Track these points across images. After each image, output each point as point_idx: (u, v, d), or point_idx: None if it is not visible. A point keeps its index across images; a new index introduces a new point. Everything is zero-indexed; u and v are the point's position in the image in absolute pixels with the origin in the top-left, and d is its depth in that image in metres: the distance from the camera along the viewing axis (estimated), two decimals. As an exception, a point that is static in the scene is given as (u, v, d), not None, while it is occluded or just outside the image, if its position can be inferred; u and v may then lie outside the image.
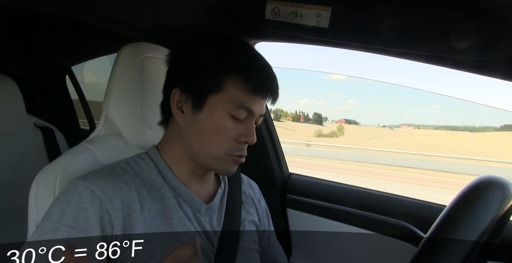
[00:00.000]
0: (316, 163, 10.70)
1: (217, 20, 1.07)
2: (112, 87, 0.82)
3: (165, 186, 0.72)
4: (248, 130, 0.71)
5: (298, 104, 48.00)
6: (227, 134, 0.69)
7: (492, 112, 20.84)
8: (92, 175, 0.68)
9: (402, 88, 53.88)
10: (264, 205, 0.94)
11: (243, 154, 0.72)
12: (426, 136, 14.95)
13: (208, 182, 0.80)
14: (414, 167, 10.34)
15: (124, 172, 0.71)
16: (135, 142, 0.83)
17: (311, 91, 49.28)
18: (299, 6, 0.90)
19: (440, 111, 36.09)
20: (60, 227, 0.62)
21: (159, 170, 0.73)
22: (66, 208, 0.63)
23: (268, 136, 1.29)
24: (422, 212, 1.05)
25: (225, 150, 0.70)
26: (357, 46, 0.92)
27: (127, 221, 0.65)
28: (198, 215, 0.74)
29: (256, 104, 0.70)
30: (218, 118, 0.69)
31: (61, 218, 0.62)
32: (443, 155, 11.70)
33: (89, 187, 0.64)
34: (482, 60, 0.77)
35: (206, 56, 0.71)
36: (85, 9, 1.04)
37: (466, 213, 0.47)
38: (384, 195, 1.15)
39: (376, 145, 4.81)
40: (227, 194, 0.82)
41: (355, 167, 10.26)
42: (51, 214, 0.63)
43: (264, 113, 0.74)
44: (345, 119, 19.50)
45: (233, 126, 0.70)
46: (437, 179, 8.74)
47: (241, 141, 0.70)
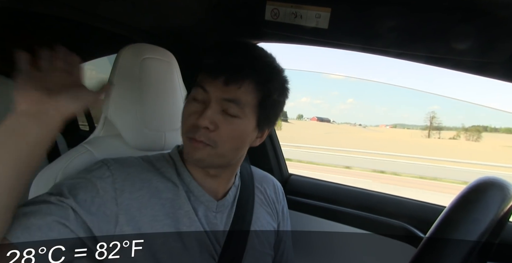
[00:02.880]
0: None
1: (217, 21, 1.07)
2: (111, 88, 0.82)
3: (180, 182, 0.74)
4: (199, 112, 0.70)
5: (297, 102, 48.13)
6: (185, 116, 0.73)
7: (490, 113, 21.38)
8: (116, 159, 0.73)
9: (403, 89, 53.96)
10: (286, 209, 0.95)
11: (193, 136, 0.70)
12: (382, 132, 15.83)
13: (224, 180, 0.80)
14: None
15: (143, 161, 0.75)
16: (134, 143, 0.83)
17: (310, 90, 49.53)
18: (299, 7, 0.90)
19: (438, 112, 36.29)
20: (69, 182, 0.66)
21: (176, 169, 0.76)
22: (79, 174, 0.69)
23: (267, 137, 1.29)
24: (421, 212, 1.05)
25: (184, 133, 0.73)
26: (357, 47, 0.92)
27: (135, 204, 0.67)
28: (207, 212, 0.75)
29: (212, 83, 0.70)
30: (185, 103, 0.75)
31: (72, 179, 0.68)
32: (359, 151, 12.18)
33: (109, 166, 0.70)
34: (482, 61, 0.77)
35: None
36: (85, 10, 1.04)
37: (465, 213, 0.47)
38: (384, 195, 1.15)
39: (324, 141, 5.05)
40: (239, 191, 0.83)
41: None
42: (65, 178, 0.69)
43: (229, 98, 0.70)
44: (318, 117, 20.00)
45: (190, 109, 0.72)
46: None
47: (195, 123, 0.70)
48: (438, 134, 15.31)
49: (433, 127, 15.09)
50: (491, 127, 19.91)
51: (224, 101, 0.70)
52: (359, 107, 46.03)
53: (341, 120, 23.25)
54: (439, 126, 15.03)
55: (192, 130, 0.70)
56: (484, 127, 14.84)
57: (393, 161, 11.82)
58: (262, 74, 0.71)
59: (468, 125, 20.67)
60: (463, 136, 14.94)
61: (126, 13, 1.07)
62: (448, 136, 15.65)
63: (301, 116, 18.37)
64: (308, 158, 11.81)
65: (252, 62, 0.72)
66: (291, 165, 1.63)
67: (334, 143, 14.58)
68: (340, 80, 54.13)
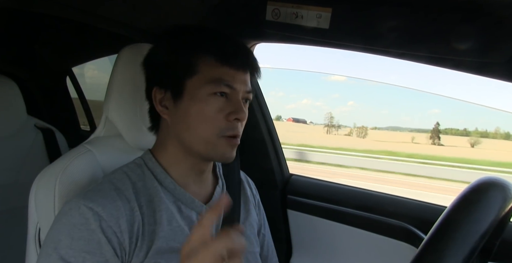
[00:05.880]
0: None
1: (218, 21, 1.07)
2: (112, 88, 0.82)
3: (162, 192, 0.70)
4: (234, 107, 0.67)
5: (298, 104, 48.06)
6: (211, 114, 0.67)
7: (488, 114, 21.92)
8: (94, 195, 0.64)
9: (404, 91, 53.65)
10: (260, 201, 0.94)
11: (236, 133, 0.68)
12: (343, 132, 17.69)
13: (207, 181, 0.78)
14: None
15: (123, 185, 0.67)
16: (135, 143, 0.83)
17: (311, 92, 49.37)
18: (300, 7, 0.90)
19: (438, 114, 36.53)
20: (72, 253, 0.59)
21: (155, 176, 0.71)
22: (73, 232, 0.60)
23: (268, 137, 1.29)
24: (422, 213, 1.05)
25: (215, 132, 0.67)
26: (358, 47, 0.92)
27: (134, 241, 0.64)
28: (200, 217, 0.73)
29: (235, 78, 0.68)
30: (200, 101, 0.67)
31: (71, 243, 0.59)
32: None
33: (94, 209, 0.61)
34: (482, 62, 0.77)
35: (173, 45, 0.72)
36: (86, 10, 1.04)
37: (466, 214, 0.47)
38: (385, 196, 1.15)
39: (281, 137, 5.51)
40: (225, 191, 0.81)
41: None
42: (60, 240, 0.60)
43: (250, 90, 0.71)
44: (293, 118, 20.45)
45: (217, 106, 0.67)
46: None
47: (230, 119, 0.67)
48: (336, 131, 18.34)
49: (331, 126, 18.34)
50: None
51: (245, 91, 0.70)
52: (360, 109, 46.47)
53: (320, 121, 23.63)
54: (338, 125, 18.67)
55: (228, 128, 0.68)
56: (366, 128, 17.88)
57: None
58: (253, 55, 0.74)
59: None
60: (355, 133, 17.35)
61: (127, 13, 1.07)
62: (344, 132, 18.28)
63: (279, 117, 18.77)
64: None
65: (245, 46, 0.73)
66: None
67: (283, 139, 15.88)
68: (341, 83, 54.24)
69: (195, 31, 0.72)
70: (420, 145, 15.80)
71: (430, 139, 15.65)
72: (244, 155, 0.94)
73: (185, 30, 0.73)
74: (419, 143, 16.12)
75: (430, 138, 15.71)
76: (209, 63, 0.67)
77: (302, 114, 62.82)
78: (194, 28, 0.73)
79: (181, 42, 0.71)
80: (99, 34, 1.63)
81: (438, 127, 15.89)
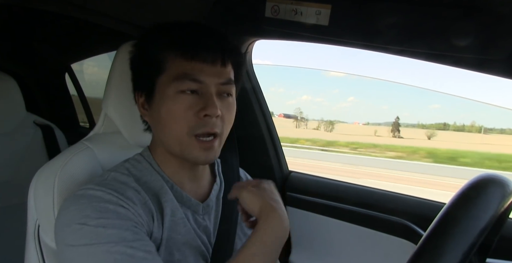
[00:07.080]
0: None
1: (217, 18, 1.07)
2: (111, 85, 0.82)
3: (165, 184, 0.70)
4: (205, 103, 0.64)
5: (298, 100, 47.97)
6: (180, 112, 0.64)
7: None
8: (104, 184, 0.63)
9: (404, 87, 53.52)
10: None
11: (209, 130, 0.65)
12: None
13: (203, 178, 0.77)
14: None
15: (127, 179, 0.67)
16: (134, 140, 0.83)
17: (311, 87, 49.23)
18: (299, 4, 0.90)
19: (438, 110, 36.47)
20: (106, 222, 0.58)
21: (156, 170, 0.71)
22: (98, 205, 0.59)
23: (267, 133, 1.29)
24: (421, 209, 1.05)
25: (185, 130, 0.64)
26: (357, 44, 0.92)
27: (150, 227, 0.65)
28: (195, 215, 0.72)
29: (204, 71, 0.64)
30: (168, 99, 0.64)
31: (100, 216, 0.58)
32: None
33: (107, 191, 0.61)
34: (482, 58, 0.77)
35: (142, 44, 0.71)
36: (85, 7, 1.03)
37: (465, 210, 0.47)
38: (384, 193, 1.15)
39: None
40: (223, 190, 0.80)
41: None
42: (87, 215, 0.58)
43: (228, 81, 0.67)
44: (284, 114, 20.69)
45: (186, 103, 0.64)
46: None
47: (200, 115, 0.64)
48: (305, 125, 18.95)
49: (300, 120, 18.99)
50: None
51: (219, 83, 0.66)
52: (360, 105, 46.23)
53: (317, 117, 23.70)
54: (306, 119, 19.26)
55: (198, 125, 0.64)
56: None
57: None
58: (231, 45, 0.70)
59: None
60: (322, 127, 17.99)
61: (126, 10, 1.07)
62: (313, 126, 18.90)
63: (271, 113, 18.77)
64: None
65: (221, 37, 0.69)
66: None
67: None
68: (340, 79, 53.83)
69: (169, 28, 0.69)
70: (381, 137, 16.53)
71: (391, 132, 16.34)
72: (243, 152, 0.94)
73: (158, 28, 0.71)
74: (381, 135, 16.96)
75: (391, 131, 16.39)
76: (176, 59, 0.65)
77: (303, 110, 62.96)
78: (170, 25, 0.70)
79: (149, 40, 0.70)
80: (98, 31, 1.62)
81: (398, 121, 16.73)
